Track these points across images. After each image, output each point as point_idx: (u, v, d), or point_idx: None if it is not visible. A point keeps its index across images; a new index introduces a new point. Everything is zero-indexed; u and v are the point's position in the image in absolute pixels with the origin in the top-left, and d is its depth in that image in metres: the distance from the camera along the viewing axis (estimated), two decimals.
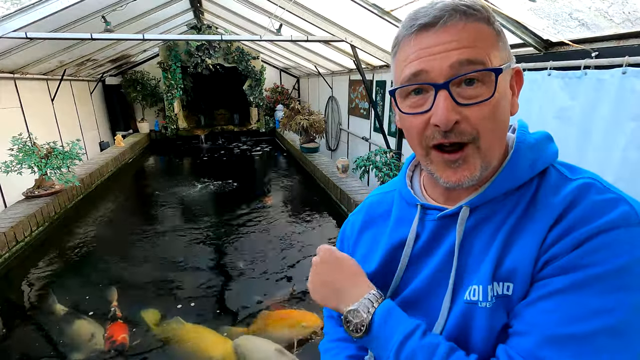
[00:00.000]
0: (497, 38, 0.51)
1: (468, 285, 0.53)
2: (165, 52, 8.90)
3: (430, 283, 0.58)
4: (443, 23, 0.49)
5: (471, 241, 0.55)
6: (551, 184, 0.52)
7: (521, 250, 0.50)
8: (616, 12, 1.80)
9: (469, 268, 0.54)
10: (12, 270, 3.31)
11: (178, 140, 9.77)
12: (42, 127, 5.60)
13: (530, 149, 0.55)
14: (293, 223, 4.45)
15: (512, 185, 0.53)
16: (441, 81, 0.49)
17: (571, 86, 1.92)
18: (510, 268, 0.50)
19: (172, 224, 4.41)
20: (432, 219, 0.60)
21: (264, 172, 7.53)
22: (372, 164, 4.24)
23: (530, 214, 0.51)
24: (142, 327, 2.54)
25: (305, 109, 6.96)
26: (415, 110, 0.53)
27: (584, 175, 0.52)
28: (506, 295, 0.50)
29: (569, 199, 0.49)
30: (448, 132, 0.50)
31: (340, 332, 0.72)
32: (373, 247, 0.68)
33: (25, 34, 3.49)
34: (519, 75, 0.55)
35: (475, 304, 0.51)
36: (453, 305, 0.54)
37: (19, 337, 2.48)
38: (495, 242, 0.52)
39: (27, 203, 4.14)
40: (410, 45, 0.51)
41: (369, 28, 3.81)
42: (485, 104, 0.49)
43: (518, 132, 0.57)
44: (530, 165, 0.54)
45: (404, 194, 0.66)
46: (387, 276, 0.64)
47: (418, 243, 0.61)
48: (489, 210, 0.54)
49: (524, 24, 2.19)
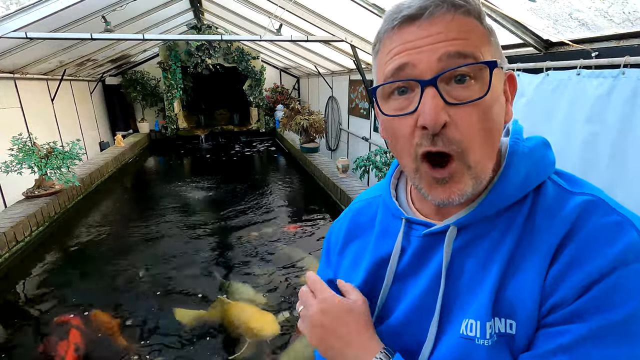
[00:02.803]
0: (488, 34, 0.46)
1: (461, 315, 0.48)
2: (165, 52, 8.90)
3: (419, 307, 0.52)
4: (429, 14, 0.43)
5: (461, 264, 0.50)
6: (549, 201, 0.47)
7: (522, 284, 0.45)
8: (616, 12, 1.80)
9: (461, 295, 0.49)
10: (12, 270, 3.31)
11: (178, 140, 9.78)
12: (42, 127, 5.60)
13: (524, 160, 0.49)
14: (293, 223, 4.46)
15: (504, 203, 0.48)
16: (428, 77, 0.43)
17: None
18: (511, 303, 0.45)
19: (173, 223, 4.41)
20: (417, 234, 0.54)
21: (264, 172, 7.53)
22: (372, 164, 4.24)
23: (529, 237, 0.46)
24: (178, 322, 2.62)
25: (305, 109, 6.96)
26: (400, 112, 0.46)
27: (585, 191, 0.46)
28: (510, 335, 0.44)
29: (570, 220, 0.44)
30: (436, 136, 0.44)
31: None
32: (357, 261, 0.63)
33: (25, 34, 3.49)
34: (512, 81, 0.50)
35: (472, 340, 0.45)
36: (442, 335, 0.49)
37: (19, 337, 2.48)
38: (491, 270, 0.47)
39: (27, 203, 4.14)
40: (393, 40, 0.46)
41: (369, 28, 3.81)
42: (477, 104, 0.43)
43: (511, 139, 0.51)
44: (523, 180, 0.48)
45: (388, 205, 0.60)
46: (371, 293, 0.59)
47: (403, 259, 0.55)
48: (480, 230, 0.49)
49: (524, 24, 2.19)
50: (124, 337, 2.45)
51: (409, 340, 0.53)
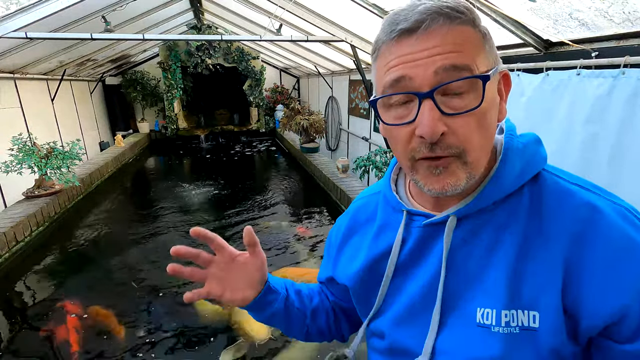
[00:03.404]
0: (483, 41, 0.47)
1: (472, 304, 0.49)
2: (165, 52, 8.90)
3: (421, 297, 0.54)
4: (425, 28, 0.45)
5: (464, 253, 0.51)
6: (550, 189, 0.50)
7: (538, 272, 0.46)
8: (616, 12, 1.80)
9: (467, 284, 0.51)
10: (13, 270, 3.31)
11: (178, 140, 9.78)
12: (42, 127, 5.60)
13: (518, 155, 0.52)
14: (293, 223, 4.46)
15: (501, 195, 0.50)
16: (425, 90, 0.45)
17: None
18: (531, 292, 0.46)
19: (173, 223, 4.41)
20: (418, 225, 0.56)
21: (264, 172, 7.53)
22: (372, 164, 4.24)
23: (536, 225, 0.48)
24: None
25: (305, 109, 6.97)
26: (399, 121, 0.48)
27: (579, 183, 0.50)
28: (533, 329, 0.46)
29: (581, 215, 0.46)
30: (434, 144, 0.46)
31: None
32: (355, 255, 0.65)
33: (25, 34, 3.49)
34: (506, 79, 0.52)
35: (488, 328, 0.47)
36: (449, 324, 0.51)
37: (19, 337, 2.48)
38: (498, 258, 0.49)
39: (27, 203, 4.14)
40: (391, 52, 0.48)
41: (369, 28, 3.81)
42: (473, 113, 0.45)
43: (506, 135, 0.54)
44: (519, 172, 0.51)
45: (389, 199, 0.62)
46: (370, 287, 0.61)
47: (404, 250, 0.57)
48: (480, 220, 0.51)
49: (524, 24, 2.19)
50: (121, 328, 2.47)
51: (412, 330, 0.54)
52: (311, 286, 0.81)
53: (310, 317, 0.74)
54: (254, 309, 0.68)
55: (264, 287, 0.67)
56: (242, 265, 0.66)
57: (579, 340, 0.46)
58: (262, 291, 0.67)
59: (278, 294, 0.70)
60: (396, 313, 0.57)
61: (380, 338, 0.60)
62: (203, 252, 0.65)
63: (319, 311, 0.76)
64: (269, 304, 0.68)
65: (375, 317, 0.61)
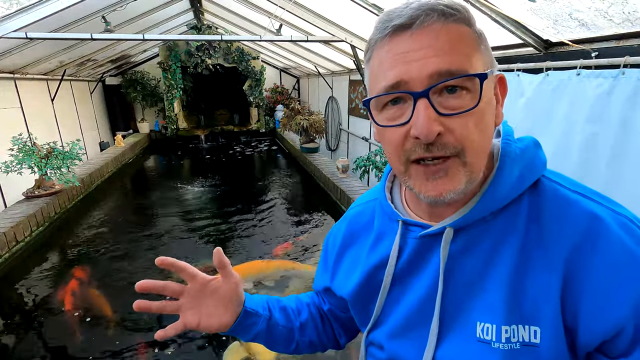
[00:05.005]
0: (479, 41, 0.46)
1: (471, 318, 0.48)
2: (165, 52, 8.90)
3: (418, 310, 0.53)
4: (419, 24, 0.43)
5: (462, 266, 0.50)
6: (550, 199, 0.48)
7: (538, 286, 0.45)
8: (616, 12, 1.80)
9: (465, 297, 0.49)
10: (13, 271, 3.31)
11: (178, 140, 9.77)
12: (42, 127, 5.60)
13: (516, 162, 0.49)
14: (293, 223, 4.46)
15: (499, 205, 0.48)
16: (420, 89, 0.43)
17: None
18: (532, 307, 0.45)
19: (173, 223, 4.41)
20: (414, 236, 0.54)
21: (264, 172, 7.52)
22: (372, 164, 4.24)
23: (536, 237, 0.46)
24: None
25: (305, 109, 6.96)
26: (393, 123, 0.46)
27: (580, 190, 0.48)
28: (534, 345, 0.44)
29: (582, 227, 0.45)
30: (430, 145, 0.44)
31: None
32: (354, 266, 0.63)
33: (25, 34, 3.49)
34: (502, 83, 0.50)
35: (489, 343, 0.46)
36: (448, 337, 0.50)
37: (19, 337, 2.48)
38: (497, 271, 0.47)
39: (27, 203, 4.14)
40: (385, 50, 0.46)
41: (369, 28, 3.80)
42: (470, 114, 0.44)
43: (503, 140, 0.51)
44: (517, 180, 0.49)
45: (384, 208, 0.60)
46: (367, 298, 0.60)
47: (401, 261, 0.55)
48: (478, 231, 0.49)
49: (524, 24, 2.19)
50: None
51: (410, 343, 0.53)
52: (301, 298, 0.79)
53: (298, 332, 0.73)
54: (235, 333, 0.66)
55: (241, 312, 0.65)
56: (216, 290, 0.63)
57: (577, 354, 0.46)
58: (240, 315, 0.64)
59: (259, 317, 0.67)
60: (394, 325, 0.56)
61: (380, 349, 0.60)
62: (170, 283, 0.61)
63: (308, 325, 0.74)
64: (248, 327, 0.66)
65: (373, 328, 0.60)
